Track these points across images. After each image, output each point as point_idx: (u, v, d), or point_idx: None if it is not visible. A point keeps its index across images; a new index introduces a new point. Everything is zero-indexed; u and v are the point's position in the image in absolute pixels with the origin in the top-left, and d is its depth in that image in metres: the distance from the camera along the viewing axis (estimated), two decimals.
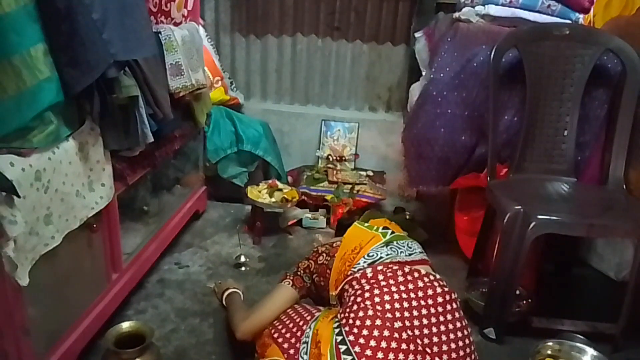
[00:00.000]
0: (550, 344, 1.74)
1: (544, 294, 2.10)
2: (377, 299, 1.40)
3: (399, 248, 1.59)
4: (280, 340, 1.53)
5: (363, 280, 1.47)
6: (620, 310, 1.83)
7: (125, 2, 1.48)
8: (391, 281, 1.44)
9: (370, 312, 1.38)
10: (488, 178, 2.03)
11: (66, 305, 1.55)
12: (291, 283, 1.69)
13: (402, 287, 1.43)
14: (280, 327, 1.58)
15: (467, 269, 2.30)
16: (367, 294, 1.42)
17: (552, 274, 2.32)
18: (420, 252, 1.63)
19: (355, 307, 1.41)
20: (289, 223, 2.64)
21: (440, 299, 1.44)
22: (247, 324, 1.66)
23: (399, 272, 1.47)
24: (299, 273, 1.71)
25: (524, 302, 2.02)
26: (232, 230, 2.62)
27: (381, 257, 1.54)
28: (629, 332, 1.84)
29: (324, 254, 1.69)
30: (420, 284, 1.45)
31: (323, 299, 1.70)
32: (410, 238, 1.69)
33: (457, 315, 1.45)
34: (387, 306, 1.38)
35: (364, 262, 1.54)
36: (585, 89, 2.03)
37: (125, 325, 1.60)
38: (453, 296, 1.48)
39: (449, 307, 1.44)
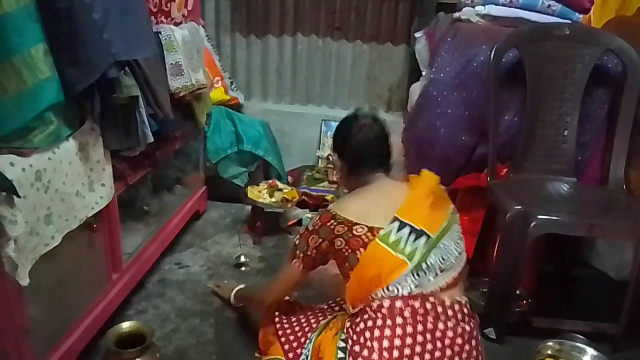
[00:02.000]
0: (550, 344, 1.74)
1: (544, 294, 2.10)
2: (385, 343, 1.31)
3: (429, 269, 1.37)
4: (283, 339, 1.54)
5: (378, 315, 1.35)
6: (621, 310, 1.83)
7: (126, 2, 1.48)
8: (408, 325, 1.32)
9: (374, 357, 1.30)
10: (488, 178, 2.03)
11: (66, 305, 1.56)
12: (301, 265, 1.52)
13: (419, 328, 1.32)
14: (287, 327, 1.58)
15: (467, 269, 2.30)
16: (376, 332, 1.33)
17: (552, 274, 2.32)
18: (456, 259, 1.43)
19: (362, 340, 1.34)
20: (289, 223, 2.64)
21: (459, 340, 1.34)
22: (269, 294, 1.68)
23: (420, 310, 1.34)
24: (309, 253, 1.49)
25: (524, 302, 2.02)
26: (233, 230, 2.62)
27: (402, 292, 1.35)
28: (629, 332, 1.84)
29: (342, 240, 1.42)
30: (441, 325, 1.33)
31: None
32: (454, 226, 1.48)
33: (474, 353, 1.38)
34: (395, 353, 1.30)
35: (383, 294, 1.36)
36: (586, 89, 2.03)
37: (126, 325, 1.60)
38: (474, 333, 1.39)
39: (467, 347, 1.36)
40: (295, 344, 1.51)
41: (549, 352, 1.73)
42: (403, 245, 1.36)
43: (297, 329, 1.56)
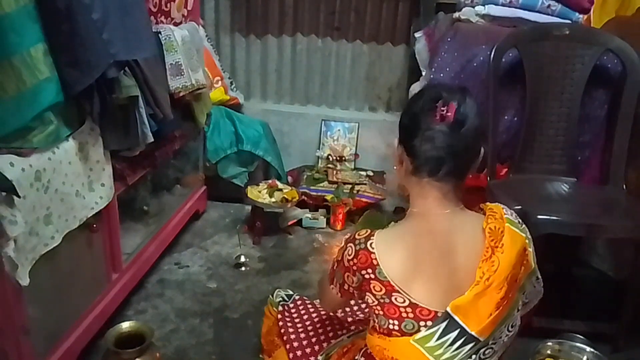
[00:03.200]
0: (550, 344, 1.74)
1: (544, 293, 2.10)
2: None
3: None
4: (288, 346, 1.46)
5: None
6: (620, 310, 1.83)
7: (125, 2, 1.48)
8: None
9: None
10: (488, 178, 2.03)
11: (66, 305, 1.56)
12: (338, 293, 1.23)
13: None
14: (291, 332, 1.49)
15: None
16: None
17: (552, 274, 2.31)
18: (502, 345, 1.15)
19: None
20: (289, 223, 2.64)
21: None
22: (321, 303, 1.46)
23: None
24: (346, 288, 1.19)
25: None
26: (232, 230, 2.62)
27: None
28: (629, 332, 1.84)
29: (375, 300, 1.13)
30: None
31: None
32: (518, 302, 1.15)
33: None
34: None
35: None
36: (585, 89, 2.03)
37: (125, 325, 1.60)
38: None
39: None
40: (299, 353, 1.43)
41: (549, 352, 1.72)
42: (442, 351, 1.07)
43: (302, 336, 1.47)
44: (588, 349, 1.72)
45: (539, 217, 1.75)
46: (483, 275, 1.07)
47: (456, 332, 1.07)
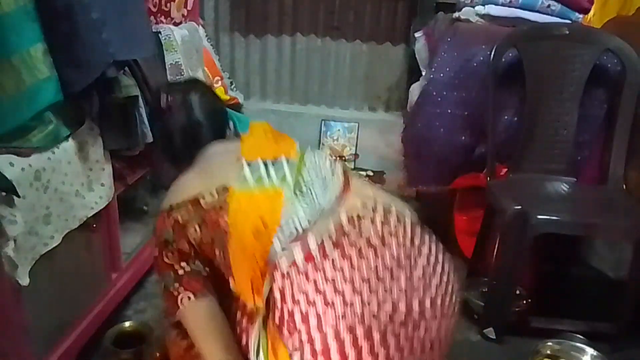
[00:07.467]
0: (549, 344, 1.74)
1: (543, 294, 2.10)
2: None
3: (313, 189, 1.06)
4: None
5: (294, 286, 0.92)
6: (620, 310, 1.83)
7: (125, 2, 1.48)
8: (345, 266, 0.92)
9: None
10: (487, 178, 2.03)
11: (66, 305, 1.55)
12: (193, 295, 1.09)
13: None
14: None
15: (466, 269, 2.30)
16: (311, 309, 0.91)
17: (551, 274, 2.31)
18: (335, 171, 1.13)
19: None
20: None
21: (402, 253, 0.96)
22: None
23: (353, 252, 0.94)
24: (189, 270, 1.10)
25: (524, 302, 2.02)
26: None
27: (303, 226, 0.98)
28: (628, 332, 1.84)
29: (196, 228, 1.09)
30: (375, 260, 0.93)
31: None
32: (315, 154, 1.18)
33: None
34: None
35: (281, 243, 0.97)
36: (585, 89, 2.03)
37: (125, 324, 1.60)
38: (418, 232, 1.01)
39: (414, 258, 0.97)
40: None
41: (548, 352, 1.73)
42: (266, 178, 1.08)
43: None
44: (587, 348, 1.72)
45: (539, 216, 1.75)
46: None
47: (261, 165, 1.13)
